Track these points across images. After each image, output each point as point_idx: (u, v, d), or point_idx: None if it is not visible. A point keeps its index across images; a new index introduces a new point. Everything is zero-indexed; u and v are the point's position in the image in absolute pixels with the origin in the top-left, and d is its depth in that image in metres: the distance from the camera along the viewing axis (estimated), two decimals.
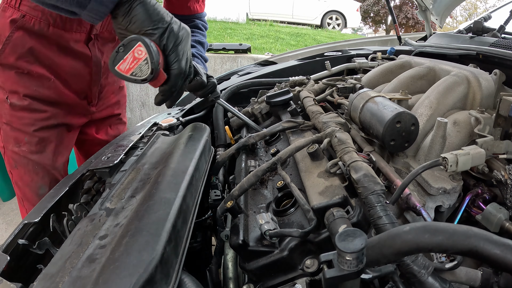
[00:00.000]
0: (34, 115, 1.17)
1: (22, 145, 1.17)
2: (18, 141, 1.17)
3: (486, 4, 17.25)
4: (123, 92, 1.54)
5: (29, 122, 1.17)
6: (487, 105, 0.99)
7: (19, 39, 1.10)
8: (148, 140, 1.06)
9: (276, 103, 1.22)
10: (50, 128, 1.21)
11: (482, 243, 0.43)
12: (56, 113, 1.21)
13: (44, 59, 1.15)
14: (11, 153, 1.19)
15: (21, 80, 1.13)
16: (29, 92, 1.15)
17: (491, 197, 0.79)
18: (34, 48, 1.12)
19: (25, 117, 1.16)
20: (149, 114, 4.51)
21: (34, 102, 1.16)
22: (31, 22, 1.10)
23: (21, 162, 1.19)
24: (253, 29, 8.40)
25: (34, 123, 1.17)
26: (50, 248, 0.71)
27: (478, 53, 1.34)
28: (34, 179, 1.21)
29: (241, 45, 4.27)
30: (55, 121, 1.21)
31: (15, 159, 1.19)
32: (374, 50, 1.80)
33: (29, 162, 1.19)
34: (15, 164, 1.20)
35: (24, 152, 1.17)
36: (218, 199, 0.95)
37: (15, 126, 1.16)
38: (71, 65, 1.21)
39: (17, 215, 2.98)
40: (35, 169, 1.19)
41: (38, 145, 1.19)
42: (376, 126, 0.83)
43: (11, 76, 1.12)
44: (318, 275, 0.65)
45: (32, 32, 1.11)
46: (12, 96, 1.14)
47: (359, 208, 0.66)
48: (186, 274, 0.61)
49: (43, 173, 1.21)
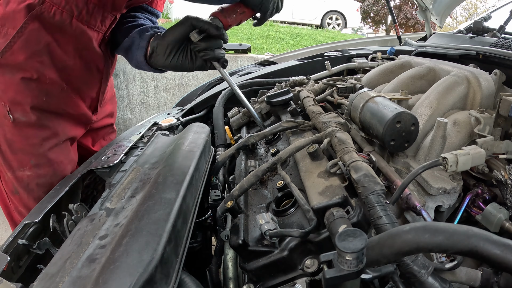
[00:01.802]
0: (41, 132, 0.95)
1: (26, 169, 0.95)
2: (22, 165, 0.95)
3: (486, 4, 17.25)
4: (115, 99, 1.41)
5: (37, 142, 0.95)
6: (487, 105, 0.99)
7: (34, 32, 0.87)
8: (148, 140, 1.06)
9: (276, 103, 1.22)
10: (57, 146, 1.00)
11: (482, 243, 0.43)
12: (63, 127, 1.01)
13: (59, 61, 0.94)
14: (12, 179, 0.97)
15: (28, 88, 0.90)
16: (37, 104, 0.92)
17: (491, 197, 0.79)
18: (50, 46, 0.91)
19: (32, 136, 0.94)
20: (149, 114, 4.51)
21: (42, 117, 0.94)
22: (51, 11, 0.88)
23: (25, 187, 0.97)
24: (253, 29, 8.40)
25: (43, 142, 0.95)
26: (50, 248, 0.71)
27: (478, 53, 1.34)
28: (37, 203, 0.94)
29: (241, 45, 4.27)
30: (63, 137, 1.01)
31: (16, 185, 0.97)
32: (374, 50, 1.80)
33: (34, 187, 0.97)
34: (15, 190, 0.98)
35: (29, 176, 0.96)
36: (218, 199, 0.95)
37: (18, 147, 0.94)
38: (84, 70, 1.02)
39: None
40: (40, 196, 0.95)
41: (46, 168, 0.97)
42: (376, 126, 0.83)
43: (15, 82, 0.88)
44: (318, 275, 0.65)
45: (50, 24, 0.89)
46: (15, 108, 0.90)
47: (359, 208, 0.66)
48: (186, 274, 0.61)
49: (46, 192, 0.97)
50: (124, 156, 0.96)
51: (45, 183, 0.98)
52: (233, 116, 1.36)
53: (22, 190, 0.98)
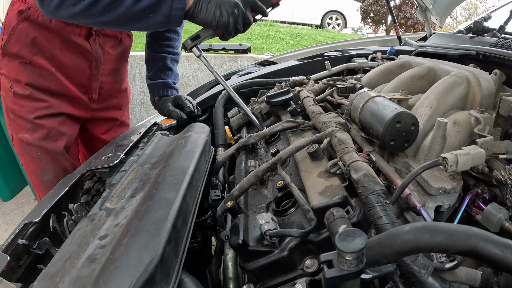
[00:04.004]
0: (35, 103, 1.22)
1: (24, 132, 1.23)
2: (21, 128, 1.23)
3: (486, 4, 17.25)
4: (127, 93, 1.58)
5: (30, 110, 1.22)
6: (487, 105, 0.99)
7: (23, 30, 1.15)
8: (148, 140, 1.06)
9: (276, 103, 1.22)
10: (50, 117, 1.25)
11: (482, 243, 0.43)
12: (57, 103, 1.26)
13: (46, 51, 1.19)
14: (17, 140, 1.26)
15: (24, 70, 1.19)
16: (31, 81, 1.20)
17: (491, 197, 0.79)
18: (37, 40, 1.17)
19: (26, 105, 1.22)
20: (149, 114, 4.51)
21: (35, 92, 1.22)
22: (36, 14, 1.14)
23: (25, 148, 1.25)
24: (253, 29, 8.40)
25: (35, 111, 1.22)
26: (50, 248, 0.71)
27: (478, 53, 1.34)
28: (37, 166, 1.27)
29: (241, 45, 4.27)
30: (55, 110, 1.26)
31: (20, 146, 1.26)
32: (374, 50, 1.80)
33: (32, 148, 1.25)
34: (21, 151, 1.27)
35: (27, 138, 1.23)
36: (218, 199, 0.95)
37: (18, 114, 1.23)
38: (71, 59, 1.25)
39: (17, 215, 2.98)
40: (38, 156, 1.25)
41: (39, 132, 1.24)
42: (376, 126, 0.83)
43: (15, 65, 1.19)
44: (318, 275, 0.65)
45: (36, 23, 1.15)
46: (15, 85, 1.20)
47: (359, 208, 0.66)
48: (186, 274, 0.61)
49: (47, 160, 1.26)
50: (124, 156, 0.96)
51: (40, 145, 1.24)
52: (233, 116, 1.36)
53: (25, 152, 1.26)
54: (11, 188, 2.83)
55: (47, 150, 1.25)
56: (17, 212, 3.02)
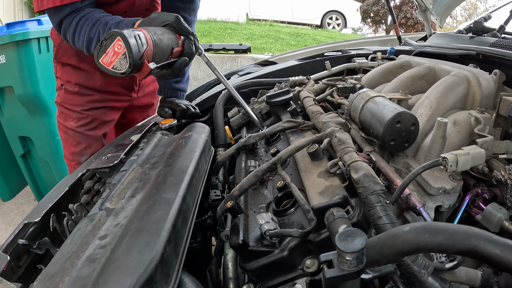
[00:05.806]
0: (82, 98, 1.46)
1: (70, 120, 1.48)
2: (68, 117, 1.47)
3: (486, 4, 17.24)
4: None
5: (77, 103, 1.46)
6: (487, 105, 0.99)
7: (67, 45, 1.35)
8: (148, 140, 1.06)
9: (276, 103, 1.22)
10: (94, 109, 1.48)
11: (482, 243, 0.43)
12: (102, 97, 1.49)
13: (88, 58, 1.36)
14: (63, 127, 1.50)
15: (74, 73, 1.43)
16: (79, 82, 1.44)
17: (491, 197, 0.79)
18: (79, 52, 1.32)
19: (74, 99, 1.46)
20: None
21: (82, 89, 1.45)
22: None
23: (69, 133, 1.49)
24: (253, 29, 8.40)
25: (81, 104, 1.46)
26: (50, 248, 0.71)
27: (478, 53, 1.34)
28: (77, 148, 1.50)
29: (241, 45, 4.27)
30: (99, 104, 1.49)
31: (66, 131, 1.50)
32: (374, 50, 1.80)
33: (75, 134, 1.48)
34: (65, 136, 1.51)
35: (72, 125, 1.47)
36: (218, 199, 0.95)
37: (67, 106, 1.47)
38: None
39: (17, 215, 2.98)
40: (80, 140, 1.49)
41: (83, 120, 1.47)
42: (376, 126, 0.83)
43: (67, 70, 1.44)
44: (318, 275, 0.65)
45: None
46: (66, 84, 1.45)
47: (359, 208, 0.66)
48: (186, 274, 0.61)
49: (86, 144, 1.49)
50: (124, 156, 0.96)
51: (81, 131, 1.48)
52: (233, 116, 1.36)
53: (68, 136, 1.50)
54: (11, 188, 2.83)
55: (87, 136, 1.48)
56: (17, 212, 3.02)
